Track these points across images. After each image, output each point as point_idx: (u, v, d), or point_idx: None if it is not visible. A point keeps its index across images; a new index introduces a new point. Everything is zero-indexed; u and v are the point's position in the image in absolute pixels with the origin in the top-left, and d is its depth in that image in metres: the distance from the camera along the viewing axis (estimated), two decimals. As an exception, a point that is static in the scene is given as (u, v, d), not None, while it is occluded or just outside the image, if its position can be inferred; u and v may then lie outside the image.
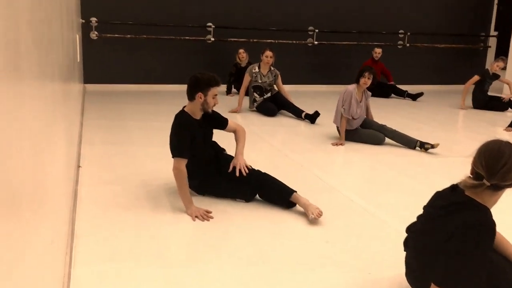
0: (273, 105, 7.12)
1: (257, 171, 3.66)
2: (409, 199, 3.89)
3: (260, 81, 7.16)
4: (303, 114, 6.80)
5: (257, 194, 3.66)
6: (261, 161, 4.38)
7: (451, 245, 2.04)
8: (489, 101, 8.39)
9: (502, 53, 10.01)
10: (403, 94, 9.31)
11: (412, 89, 9.50)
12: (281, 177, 3.65)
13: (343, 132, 5.57)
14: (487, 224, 2.02)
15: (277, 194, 3.57)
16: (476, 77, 8.33)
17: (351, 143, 5.60)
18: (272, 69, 7.18)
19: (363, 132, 5.67)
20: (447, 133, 6.54)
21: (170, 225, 3.22)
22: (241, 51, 8.64)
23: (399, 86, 9.44)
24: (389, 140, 5.60)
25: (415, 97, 9.17)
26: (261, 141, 5.55)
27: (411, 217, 2.48)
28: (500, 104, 8.33)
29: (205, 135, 3.65)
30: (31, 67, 1.56)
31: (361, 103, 5.59)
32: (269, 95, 7.22)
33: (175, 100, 8.05)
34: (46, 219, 1.80)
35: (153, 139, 5.38)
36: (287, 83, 7.86)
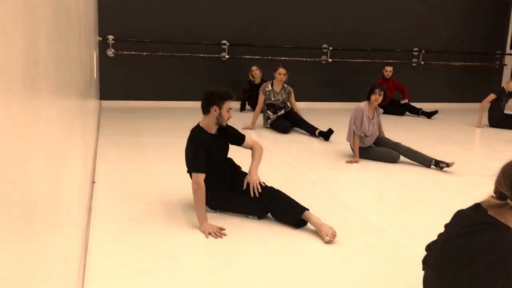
0: (287, 122, 7.13)
1: (269, 187, 3.64)
2: (425, 218, 3.85)
3: (273, 99, 7.18)
4: (317, 131, 6.79)
5: (268, 211, 3.62)
6: (274, 178, 4.37)
7: (475, 266, 2.00)
8: (505, 119, 8.30)
9: (518, 71, 9.93)
10: (417, 112, 9.26)
11: (426, 107, 9.45)
12: (294, 194, 3.62)
13: (356, 149, 5.55)
14: (511, 244, 1.99)
15: (287, 211, 3.50)
16: (492, 96, 8.26)
17: (366, 160, 5.57)
18: (285, 86, 7.20)
19: (378, 149, 5.64)
20: (463, 152, 6.48)
21: (184, 241, 3.21)
22: (254, 68, 8.69)
23: (413, 104, 9.40)
24: (403, 158, 5.56)
25: (430, 115, 9.11)
26: (275, 158, 5.54)
27: (427, 236, 2.45)
28: (516, 122, 8.24)
29: (220, 150, 3.66)
30: (48, 84, 1.58)
31: (373, 120, 5.58)
32: (282, 112, 7.23)
33: (190, 116, 8.10)
34: (60, 235, 1.81)
35: (168, 155, 5.40)
36: (300, 100, 7.88)
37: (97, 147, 5.57)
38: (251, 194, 3.53)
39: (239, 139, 3.73)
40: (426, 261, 2.40)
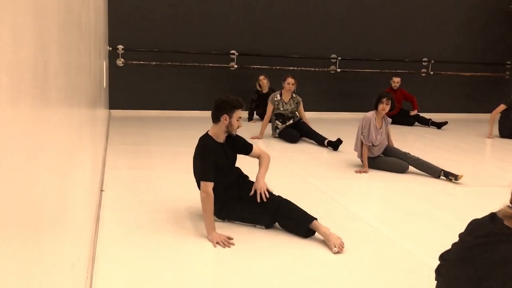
0: (295, 131, 7.12)
1: (277, 196, 3.62)
2: (435, 229, 3.81)
3: (282, 109, 7.17)
4: (326, 141, 6.77)
5: (276, 221, 3.59)
6: (282, 187, 4.35)
7: (492, 278, 1.97)
8: (516, 130, 8.24)
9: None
10: (427, 122, 9.22)
11: (436, 117, 9.40)
12: (303, 204, 3.59)
13: (365, 159, 5.52)
14: None
15: (295, 221, 3.48)
16: (502, 106, 8.21)
17: (374, 171, 5.53)
18: (294, 96, 7.20)
19: (386, 160, 5.60)
20: (472, 162, 6.42)
21: (192, 251, 3.20)
22: (262, 77, 8.69)
23: (422, 114, 9.35)
24: (412, 168, 5.52)
25: (439, 125, 9.06)
26: (283, 168, 5.53)
27: (438, 247, 2.42)
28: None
29: (228, 159, 3.65)
30: (58, 90, 1.59)
31: (380, 130, 5.55)
32: (291, 122, 7.22)
33: (199, 126, 8.11)
34: (67, 242, 1.80)
35: (176, 164, 5.40)
36: (309, 110, 7.87)
37: (105, 156, 5.58)
38: (258, 200, 3.52)
39: (247, 148, 3.72)
40: (439, 271, 2.36)
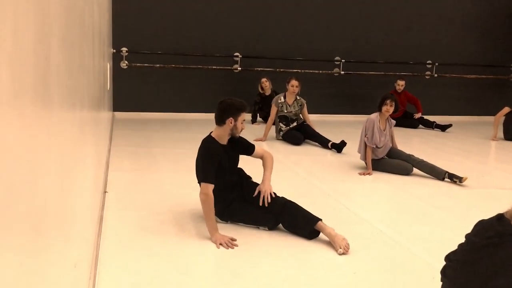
0: (299, 134, 7.10)
1: (281, 198, 3.59)
2: (439, 231, 3.79)
3: (286, 111, 7.16)
4: (330, 143, 6.75)
5: (279, 222, 3.57)
6: (286, 190, 4.33)
7: (499, 278, 1.95)
8: (520, 132, 8.21)
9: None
10: (431, 125, 9.19)
11: (440, 120, 9.37)
12: (307, 206, 3.58)
13: (369, 161, 5.50)
14: None
15: (300, 222, 3.46)
16: (506, 109, 8.18)
17: (379, 173, 5.51)
18: (298, 98, 7.19)
19: (391, 162, 5.58)
20: (477, 164, 6.39)
21: (195, 252, 3.19)
22: (264, 80, 8.68)
23: (426, 117, 9.32)
24: (416, 170, 5.50)
25: (444, 128, 9.03)
26: (287, 170, 5.51)
27: (441, 248, 2.40)
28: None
29: (231, 160, 3.64)
30: (60, 88, 1.58)
31: (384, 132, 5.52)
32: (295, 124, 7.21)
33: (202, 128, 8.09)
34: (70, 242, 1.80)
35: (180, 166, 5.39)
36: (313, 112, 7.85)
37: (109, 158, 5.58)
38: (260, 203, 3.51)
39: (249, 149, 3.71)
40: (444, 272, 2.34)
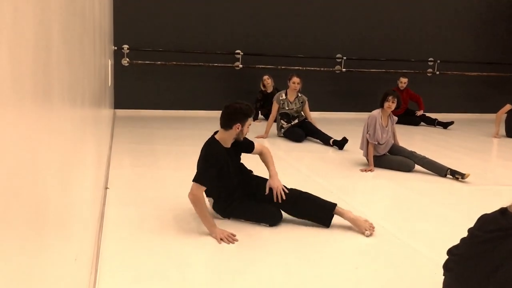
0: (301, 131, 7.09)
1: (293, 190, 3.62)
2: (441, 227, 3.79)
3: (287, 108, 7.15)
4: (331, 140, 6.74)
5: (293, 213, 3.58)
6: (289, 186, 4.33)
7: (502, 272, 1.94)
8: (522, 130, 8.20)
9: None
10: (433, 122, 9.18)
11: (441, 117, 9.36)
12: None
13: (371, 158, 5.49)
14: None
15: (318, 210, 3.50)
16: (508, 106, 8.18)
17: (380, 169, 5.50)
18: (299, 95, 7.18)
19: (392, 158, 5.57)
20: (479, 161, 6.38)
21: (195, 248, 3.18)
22: (266, 77, 8.67)
23: (428, 114, 9.31)
24: (418, 167, 5.49)
25: (446, 125, 9.02)
26: (289, 167, 5.50)
27: (443, 244, 2.39)
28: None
29: (233, 163, 3.61)
30: (61, 80, 1.58)
31: (386, 128, 5.52)
32: (296, 121, 7.20)
33: (204, 125, 8.12)
34: (70, 236, 1.79)
35: (181, 163, 5.39)
36: (314, 110, 7.84)
37: (110, 155, 5.58)
38: (274, 199, 3.52)
39: (249, 147, 3.70)
40: (447, 266, 2.33)
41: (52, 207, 1.40)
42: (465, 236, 2.28)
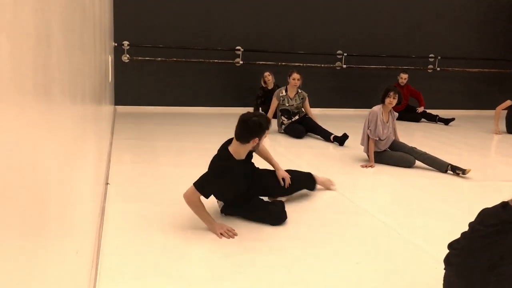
0: (301, 126, 7.09)
1: (287, 171, 4.04)
2: (441, 223, 3.79)
3: (287, 104, 7.15)
4: (332, 136, 6.75)
5: (291, 192, 4.02)
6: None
7: (504, 267, 1.95)
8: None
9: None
10: (434, 119, 9.18)
11: (442, 114, 9.35)
12: (309, 198, 3.59)
13: (371, 154, 5.49)
14: None
15: (305, 180, 4.20)
16: (508, 102, 8.18)
17: (381, 165, 5.50)
18: (299, 91, 7.17)
19: (393, 154, 5.57)
20: (479, 158, 6.38)
21: (196, 244, 3.19)
22: (267, 73, 8.65)
23: (429, 111, 9.30)
24: (419, 163, 5.49)
25: (447, 121, 9.02)
26: (289, 163, 5.49)
27: (444, 240, 2.40)
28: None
29: (246, 169, 3.56)
30: (61, 73, 1.57)
31: (387, 124, 5.52)
32: (297, 117, 7.19)
33: (204, 122, 8.14)
34: (71, 230, 1.80)
35: (181, 160, 5.39)
36: (315, 106, 7.84)
37: (111, 151, 5.58)
38: (286, 186, 3.92)
39: (254, 148, 3.62)
40: (448, 260, 2.34)
41: (52, 201, 1.40)
42: (466, 230, 2.28)
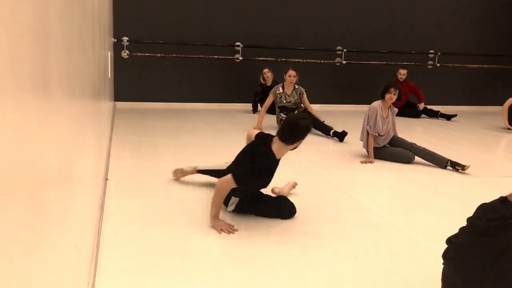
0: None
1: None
2: (440, 218, 3.79)
3: (285, 101, 7.16)
4: (332, 131, 6.75)
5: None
6: (288, 178, 4.34)
7: (503, 262, 1.94)
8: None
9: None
10: (435, 114, 9.18)
11: (442, 110, 9.37)
12: (308, 194, 3.61)
13: (370, 149, 5.49)
14: None
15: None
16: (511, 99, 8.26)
17: (380, 161, 5.50)
18: (296, 87, 7.18)
19: (392, 150, 5.57)
20: (479, 153, 6.37)
21: (195, 238, 3.19)
22: (266, 70, 8.64)
23: (430, 107, 9.30)
24: (418, 159, 5.49)
25: (449, 117, 9.03)
26: (289, 158, 5.48)
27: (443, 235, 2.40)
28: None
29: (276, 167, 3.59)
30: (59, 66, 1.57)
31: (387, 119, 5.52)
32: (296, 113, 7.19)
33: (203, 117, 8.13)
34: (70, 224, 1.80)
35: (181, 156, 5.39)
36: (315, 102, 7.83)
37: (110, 146, 5.58)
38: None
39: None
40: (446, 255, 2.34)
41: (51, 195, 1.40)
42: (464, 225, 2.28)
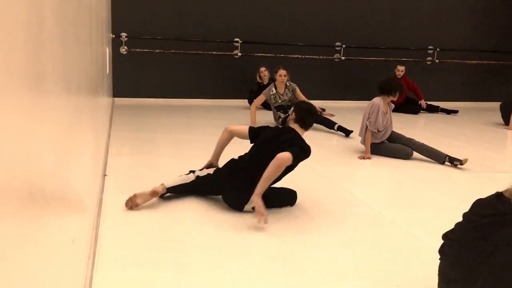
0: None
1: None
2: (438, 214, 3.80)
3: (280, 101, 7.18)
4: (336, 126, 6.80)
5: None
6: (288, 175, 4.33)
7: (497, 257, 1.95)
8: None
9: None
10: (436, 109, 9.20)
11: (441, 106, 9.35)
12: (307, 189, 3.63)
13: (368, 145, 5.49)
14: None
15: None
16: None
17: (379, 157, 5.50)
18: (288, 85, 7.18)
19: (391, 146, 5.58)
20: (478, 149, 6.37)
21: (194, 233, 3.19)
22: (263, 69, 8.61)
23: (429, 103, 9.30)
24: (417, 154, 5.49)
25: (450, 111, 9.05)
26: (287, 154, 5.50)
27: (441, 231, 2.40)
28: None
29: None
30: (55, 61, 1.56)
31: (387, 115, 5.54)
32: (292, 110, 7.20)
33: (202, 113, 8.12)
34: (67, 218, 1.79)
35: (179, 151, 5.38)
36: (313, 98, 7.79)
37: (109, 142, 5.57)
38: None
39: None
40: (443, 250, 2.34)
41: (48, 190, 1.39)
42: (460, 221, 2.28)
